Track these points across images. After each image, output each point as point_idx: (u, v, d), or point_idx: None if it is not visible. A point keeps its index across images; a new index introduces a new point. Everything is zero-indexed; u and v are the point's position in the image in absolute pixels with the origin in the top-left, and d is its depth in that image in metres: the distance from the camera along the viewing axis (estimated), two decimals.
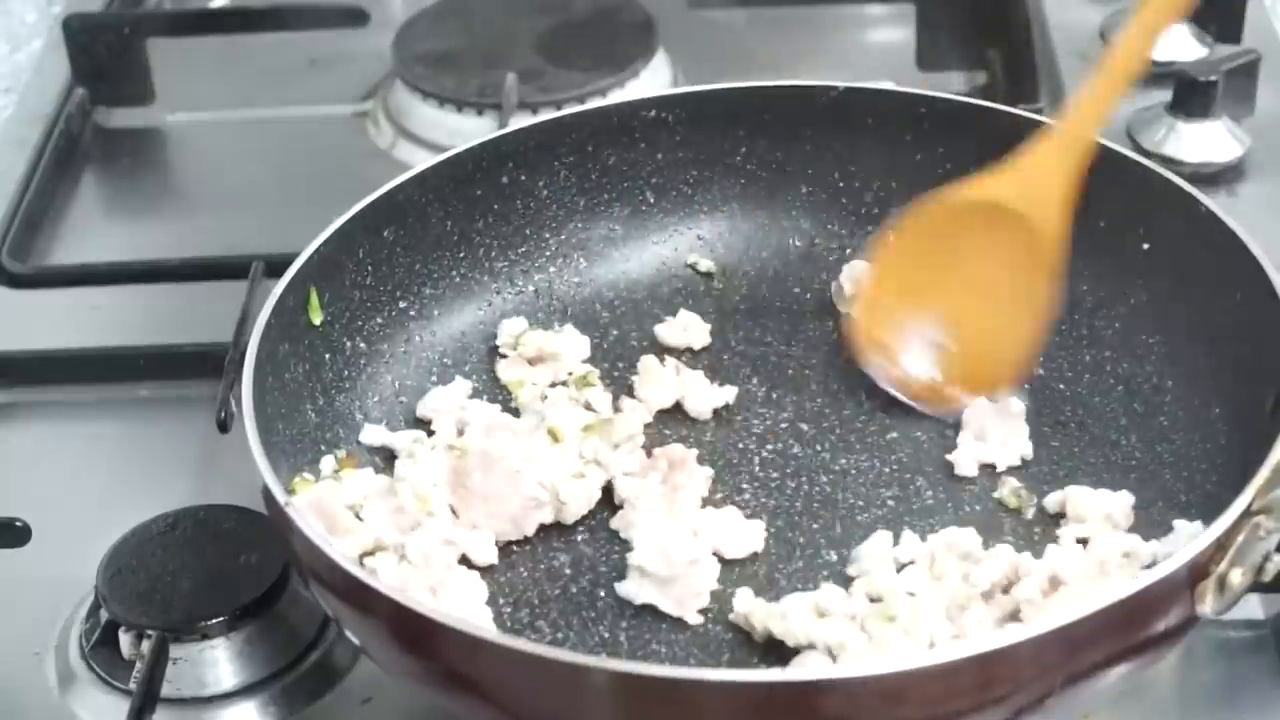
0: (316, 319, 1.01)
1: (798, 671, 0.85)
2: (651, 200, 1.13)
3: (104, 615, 0.97)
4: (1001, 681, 0.79)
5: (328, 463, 0.97)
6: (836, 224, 1.12)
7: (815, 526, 0.97)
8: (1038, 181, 0.99)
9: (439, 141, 1.30)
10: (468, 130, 1.11)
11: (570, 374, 1.06)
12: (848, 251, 1.11)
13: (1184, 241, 1.00)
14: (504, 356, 1.07)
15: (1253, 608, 0.97)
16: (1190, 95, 1.25)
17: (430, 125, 1.36)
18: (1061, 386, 1.03)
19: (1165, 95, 1.26)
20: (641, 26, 1.41)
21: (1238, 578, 0.83)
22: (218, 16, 1.54)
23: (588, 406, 1.03)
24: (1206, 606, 0.83)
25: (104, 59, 1.42)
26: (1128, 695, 0.92)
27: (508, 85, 1.34)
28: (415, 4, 1.48)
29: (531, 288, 1.10)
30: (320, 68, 1.48)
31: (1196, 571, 0.82)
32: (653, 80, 1.38)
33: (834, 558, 0.95)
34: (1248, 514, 0.83)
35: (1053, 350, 1.04)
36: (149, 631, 0.95)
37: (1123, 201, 1.03)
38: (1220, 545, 0.82)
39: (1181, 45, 1.34)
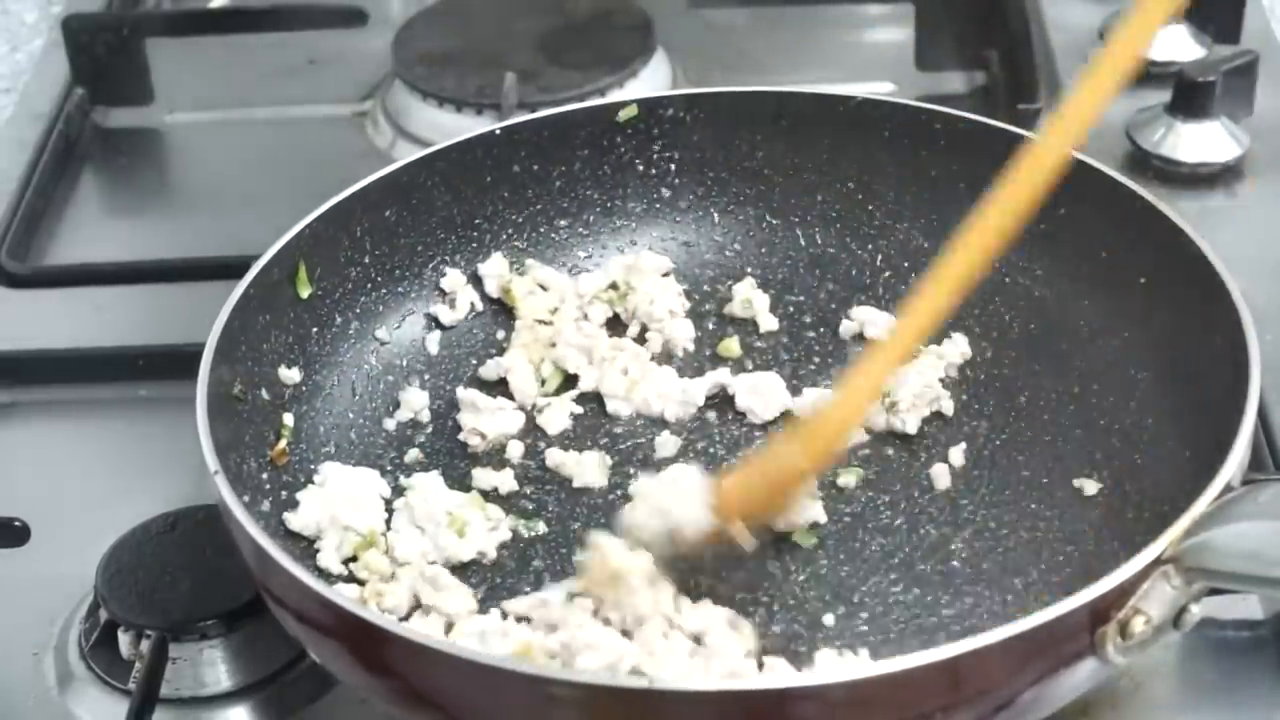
0: (304, 292, 1.01)
1: (765, 679, 0.84)
2: (666, 196, 1.13)
3: (103, 615, 0.97)
4: (897, 705, 0.79)
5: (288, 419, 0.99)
6: (849, 236, 1.11)
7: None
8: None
9: (438, 142, 1.29)
10: (467, 130, 1.11)
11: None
12: (853, 270, 1.11)
13: (1176, 280, 0.98)
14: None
15: (1253, 608, 0.97)
16: (1189, 95, 1.25)
17: (429, 125, 1.36)
18: (1046, 417, 1.01)
19: (1164, 96, 1.26)
20: (640, 26, 1.41)
21: (1140, 625, 0.81)
22: (217, 16, 1.54)
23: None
24: (1109, 651, 0.81)
25: (103, 59, 1.42)
26: (1128, 695, 0.93)
27: (507, 85, 1.34)
28: (415, 4, 1.49)
29: None
30: (320, 68, 1.48)
31: (1097, 615, 0.81)
32: (652, 80, 1.38)
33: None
34: (1158, 562, 0.81)
35: (1042, 379, 1.03)
36: (148, 631, 0.95)
37: (1125, 234, 1.01)
38: (1124, 591, 0.81)
39: (1180, 46, 1.34)
